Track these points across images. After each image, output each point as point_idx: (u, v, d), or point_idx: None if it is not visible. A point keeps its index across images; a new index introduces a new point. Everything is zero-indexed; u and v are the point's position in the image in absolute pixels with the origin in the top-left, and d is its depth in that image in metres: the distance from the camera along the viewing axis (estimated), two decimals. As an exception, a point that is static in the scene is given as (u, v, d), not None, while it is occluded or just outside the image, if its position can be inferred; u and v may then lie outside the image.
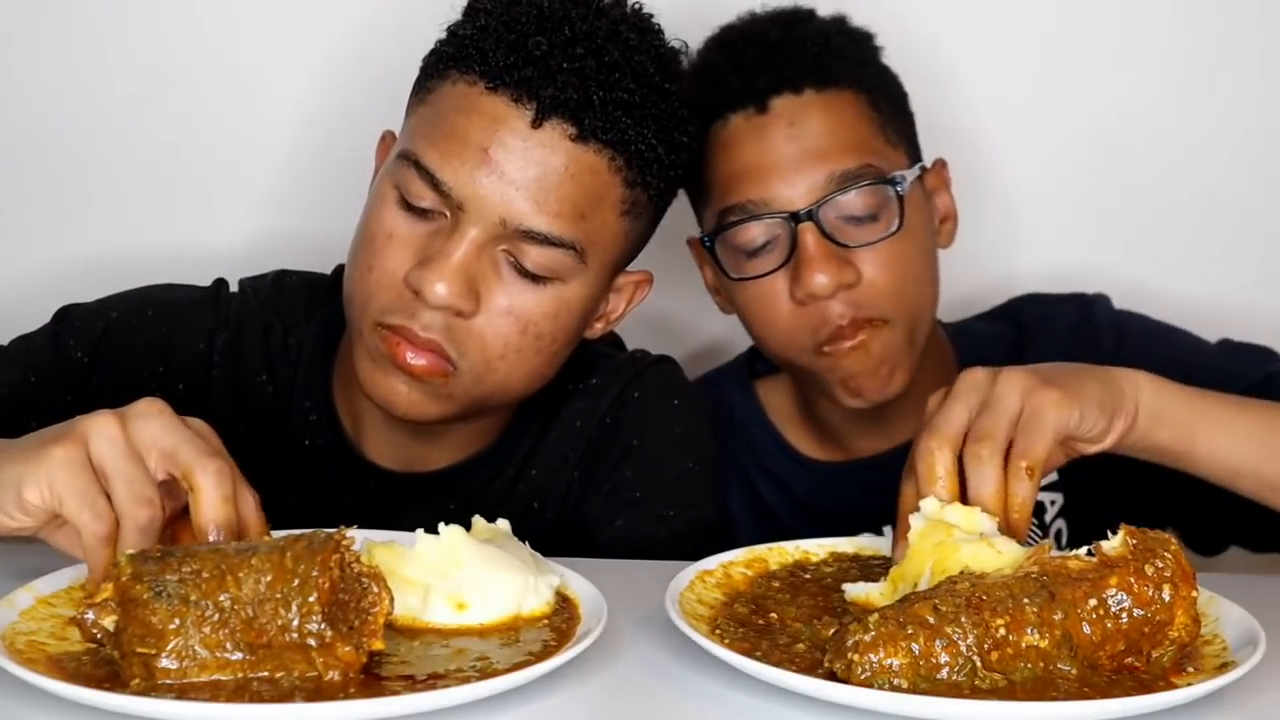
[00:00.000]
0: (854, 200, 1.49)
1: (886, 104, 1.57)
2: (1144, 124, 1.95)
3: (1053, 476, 1.61)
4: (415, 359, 1.30)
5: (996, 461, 1.18)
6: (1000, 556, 1.07)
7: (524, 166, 1.28)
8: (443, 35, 1.36)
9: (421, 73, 1.37)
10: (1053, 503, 1.62)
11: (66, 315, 1.47)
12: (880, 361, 1.52)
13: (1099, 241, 1.96)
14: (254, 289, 1.50)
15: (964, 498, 1.18)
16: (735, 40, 1.58)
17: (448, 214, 1.29)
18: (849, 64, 1.55)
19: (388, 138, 1.41)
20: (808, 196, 1.49)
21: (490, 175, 1.28)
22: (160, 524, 1.05)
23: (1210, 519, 1.54)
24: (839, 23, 1.61)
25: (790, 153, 1.50)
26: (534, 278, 1.30)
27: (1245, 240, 1.96)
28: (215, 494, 1.06)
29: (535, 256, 1.29)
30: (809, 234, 1.48)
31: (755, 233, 1.51)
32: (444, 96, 1.32)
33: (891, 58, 1.62)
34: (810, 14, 1.61)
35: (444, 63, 1.33)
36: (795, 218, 1.48)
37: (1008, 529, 1.15)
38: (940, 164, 1.63)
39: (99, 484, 1.05)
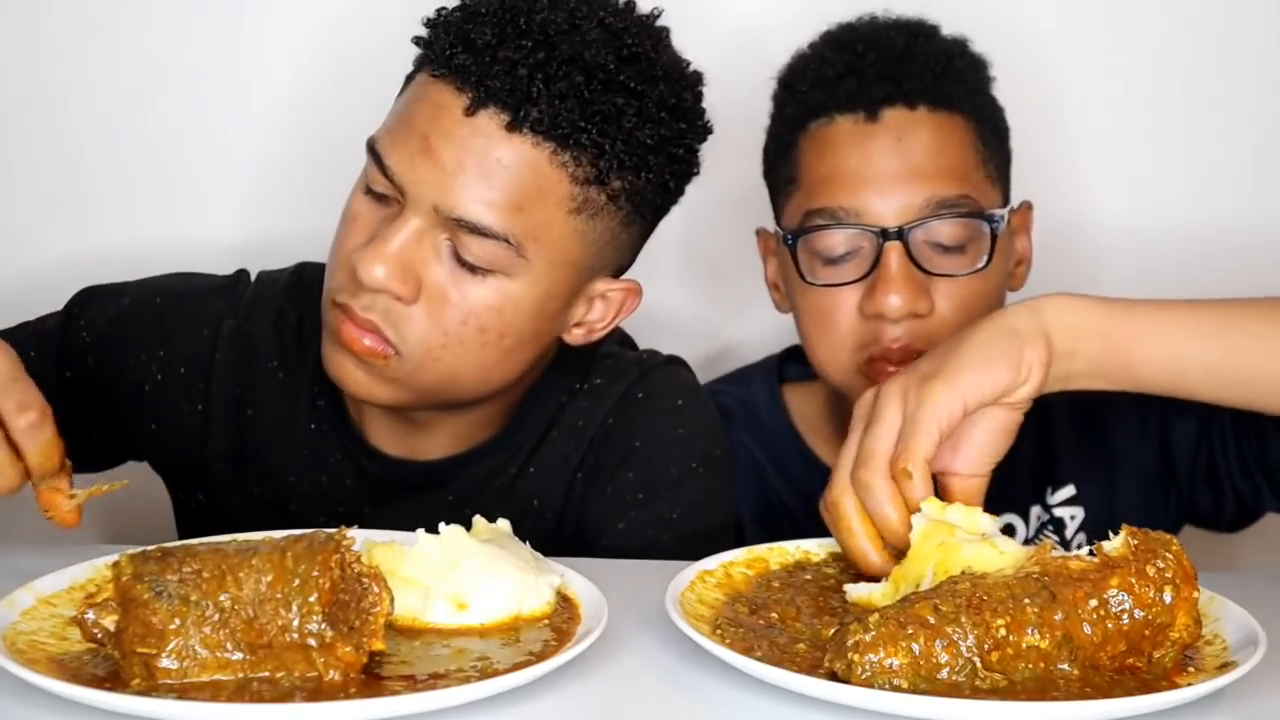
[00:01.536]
0: (947, 229, 1.48)
1: (993, 137, 1.55)
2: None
3: (1070, 491, 1.61)
4: (355, 338, 1.31)
5: (881, 483, 1.15)
6: (1002, 556, 1.07)
7: (457, 154, 1.27)
8: None
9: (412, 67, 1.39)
10: (1073, 518, 1.61)
11: (87, 296, 1.52)
12: None
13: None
14: (271, 279, 1.53)
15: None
16: (855, 42, 1.55)
17: (399, 201, 1.31)
18: (966, 89, 1.54)
19: None
20: (902, 215, 1.48)
21: (427, 162, 1.28)
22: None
23: (1219, 501, 1.53)
24: (961, 45, 1.58)
25: (892, 167, 1.49)
26: (472, 269, 1.30)
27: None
28: None
29: (472, 247, 1.29)
30: (895, 253, 1.47)
31: (838, 240, 1.50)
32: (410, 87, 1.35)
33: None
34: (935, 29, 1.58)
35: (420, 56, 1.35)
36: (885, 234, 1.47)
37: (898, 538, 1.15)
38: (1026, 206, 1.61)
39: None
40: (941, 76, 1.52)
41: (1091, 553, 1.03)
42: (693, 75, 1.38)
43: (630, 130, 1.30)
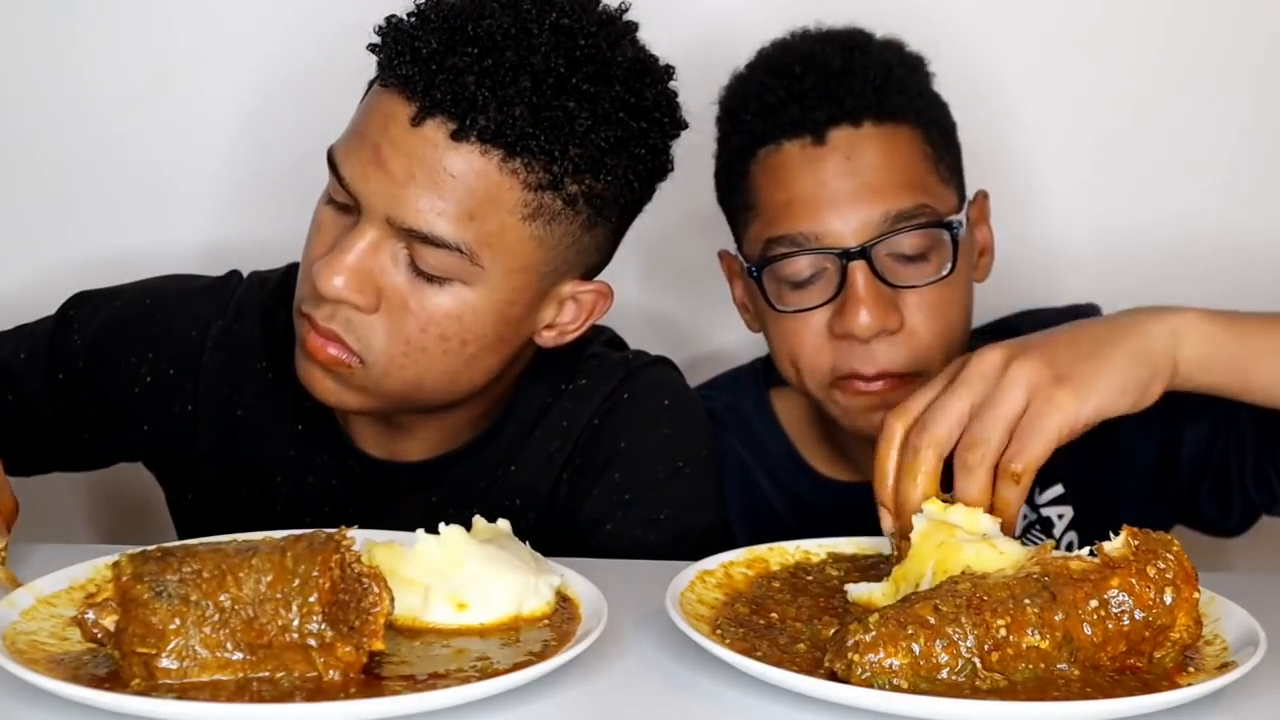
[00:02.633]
0: (907, 241, 1.48)
1: (940, 138, 1.55)
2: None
3: (1058, 490, 1.61)
4: (319, 347, 1.31)
5: (985, 469, 1.17)
6: (1002, 557, 1.07)
7: (406, 164, 1.27)
8: None
9: None
10: (1060, 516, 1.61)
11: (79, 300, 1.53)
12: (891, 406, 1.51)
13: (1135, 274, 1.95)
14: (261, 279, 1.53)
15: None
16: (794, 64, 1.54)
17: (357, 210, 1.30)
18: (908, 97, 1.53)
19: None
20: (861, 234, 1.47)
21: (379, 172, 1.28)
22: None
23: (1227, 506, 1.53)
24: (897, 49, 1.57)
25: (846, 187, 1.48)
26: (430, 278, 1.30)
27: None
28: None
29: (427, 257, 1.28)
30: (859, 272, 1.47)
31: (803, 265, 1.49)
32: (365, 99, 1.34)
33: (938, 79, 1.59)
34: (869, 39, 1.57)
35: (377, 66, 1.34)
36: (847, 254, 1.47)
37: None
38: (982, 195, 1.61)
39: None
40: (881, 89, 1.51)
41: (1092, 553, 1.03)
42: (659, 70, 1.36)
43: (584, 133, 1.28)
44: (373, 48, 1.33)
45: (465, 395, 1.39)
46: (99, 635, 0.97)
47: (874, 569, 1.22)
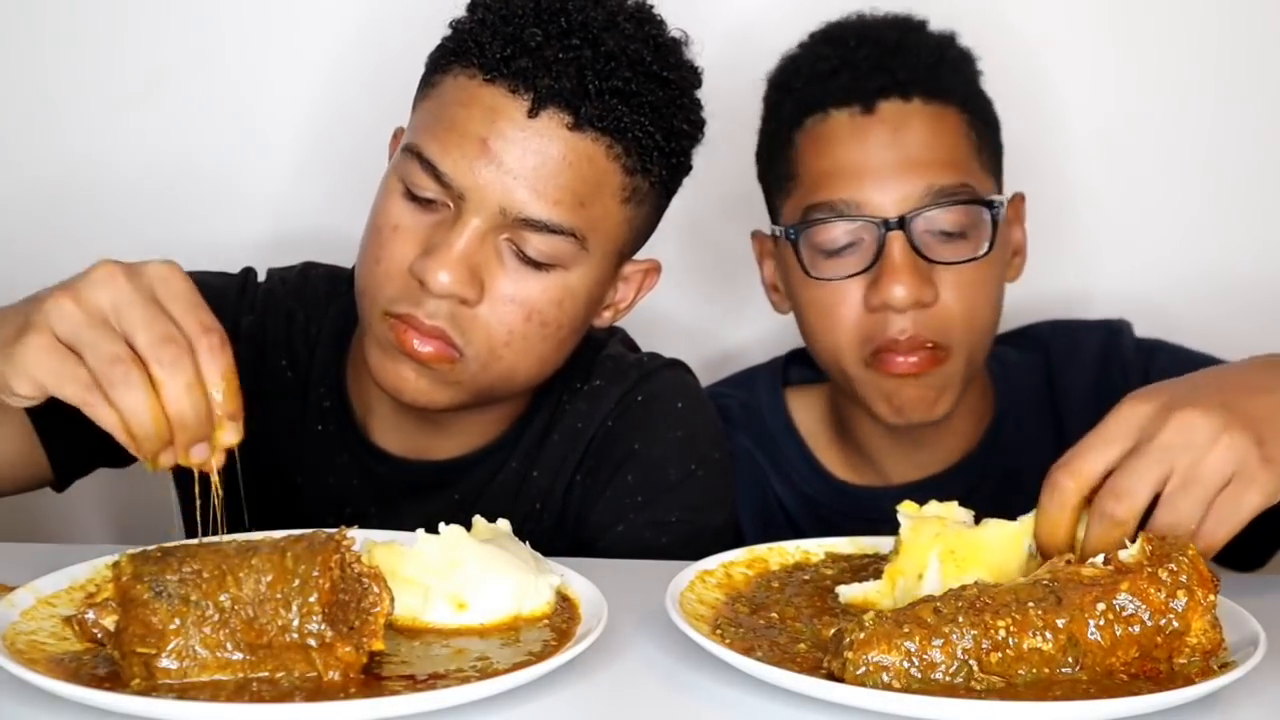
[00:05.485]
0: (947, 216, 1.49)
1: (985, 129, 1.56)
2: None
3: None
4: (422, 346, 1.32)
5: (1127, 529, 1.06)
6: (1004, 528, 1.07)
7: (522, 156, 1.29)
8: (447, 31, 1.37)
9: (427, 69, 1.39)
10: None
11: None
12: (930, 385, 1.51)
13: (1172, 284, 1.95)
14: (281, 278, 1.54)
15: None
16: (848, 37, 1.56)
17: (450, 204, 1.31)
18: (958, 81, 1.55)
19: (398, 134, 1.43)
20: (902, 205, 1.48)
21: (489, 165, 1.29)
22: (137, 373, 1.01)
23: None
24: (950, 38, 1.59)
25: (890, 159, 1.49)
26: (536, 265, 1.32)
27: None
28: (172, 387, 1.01)
29: (537, 244, 1.31)
30: (897, 243, 1.47)
31: (840, 233, 1.50)
32: (446, 90, 1.34)
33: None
34: (924, 24, 1.59)
35: (446, 57, 1.35)
36: (886, 225, 1.47)
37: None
38: (1019, 197, 1.61)
39: (74, 357, 1.02)
40: (934, 68, 1.53)
41: (1107, 560, 1.02)
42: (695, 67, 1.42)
43: (668, 118, 1.34)
44: (445, 43, 1.35)
45: (542, 380, 1.41)
46: (99, 635, 0.97)
47: (865, 569, 1.21)
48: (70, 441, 1.40)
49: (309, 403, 1.48)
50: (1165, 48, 1.95)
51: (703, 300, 2.00)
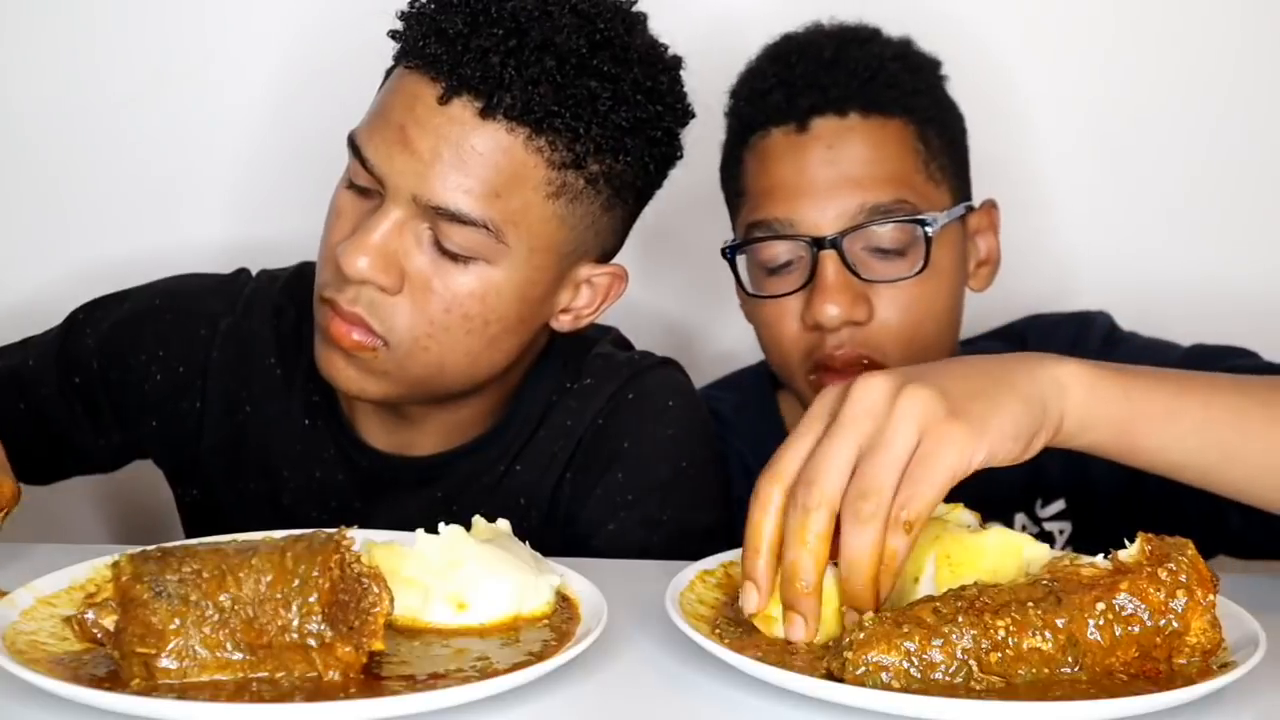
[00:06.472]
0: (882, 234, 1.48)
1: (936, 137, 1.54)
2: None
3: (1061, 505, 1.60)
4: (343, 333, 1.32)
5: (881, 520, 1.00)
6: (1006, 536, 1.07)
7: (434, 144, 1.29)
8: None
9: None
10: (1061, 532, 1.60)
11: (90, 306, 1.55)
12: None
13: (1158, 290, 1.95)
14: (270, 277, 1.55)
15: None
16: (789, 53, 1.55)
17: (380, 192, 1.32)
18: (900, 92, 1.52)
19: None
20: (835, 223, 1.48)
21: (404, 152, 1.29)
22: None
23: (1220, 534, 1.48)
24: (901, 47, 1.57)
25: (824, 176, 1.48)
26: (454, 257, 1.31)
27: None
28: None
29: (453, 235, 1.30)
30: (830, 262, 1.47)
31: (778, 251, 1.50)
32: (387, 81, 1.36)
33: (960, 89, 1.59)
34: (873, 34, 1.57)
35: (397, 50, 1.36)
36: (819, 244, 1.47)
37: (862, 586, 1.00)
38: (989, 205, 1.60)
39: None
40: (870, 82, 1.51)
41: (1106, 558, 1.02)
42: (670, 59, 1.39)
43: (605, 113, 1.31)
44: (394, 33, 1.35)
45: (484, 380, 1.40)
46: (98, 635, 0.97)
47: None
48: None
49: (297, 398, 1.49)
50: (1145, 53, 1.95)
51: (695, 301, 2.00)
